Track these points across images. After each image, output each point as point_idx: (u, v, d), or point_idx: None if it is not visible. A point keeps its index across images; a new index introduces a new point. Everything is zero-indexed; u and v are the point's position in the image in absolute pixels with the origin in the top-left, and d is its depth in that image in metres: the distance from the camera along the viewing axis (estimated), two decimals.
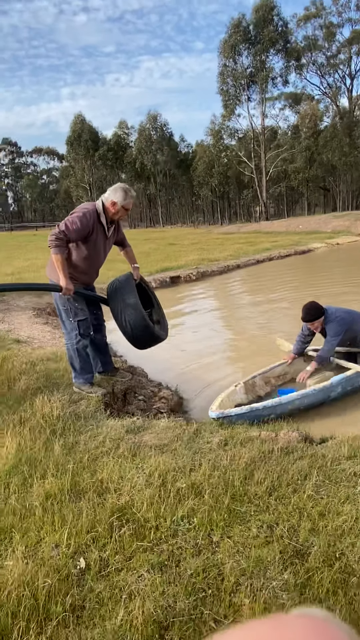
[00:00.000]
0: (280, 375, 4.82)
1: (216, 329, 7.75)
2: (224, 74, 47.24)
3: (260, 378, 4.61)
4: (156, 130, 63.05)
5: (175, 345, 6.62)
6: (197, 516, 2.24)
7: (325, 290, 10.11)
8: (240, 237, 28.39)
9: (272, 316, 8.04)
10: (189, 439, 3.14)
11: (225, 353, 6.30)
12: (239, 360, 5.98)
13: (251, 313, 8.75)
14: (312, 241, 23.04)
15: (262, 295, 10.46)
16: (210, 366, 5.68)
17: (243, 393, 4.32)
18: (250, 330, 7.25)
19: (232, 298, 10.83)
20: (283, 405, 3.88)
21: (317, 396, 4.10)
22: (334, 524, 2.14)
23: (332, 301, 6.92)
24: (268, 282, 12.51)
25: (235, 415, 3.69)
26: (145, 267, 13.75)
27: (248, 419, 3.73)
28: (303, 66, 50.59)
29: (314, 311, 4.52)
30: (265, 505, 2.33)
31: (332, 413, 4.16)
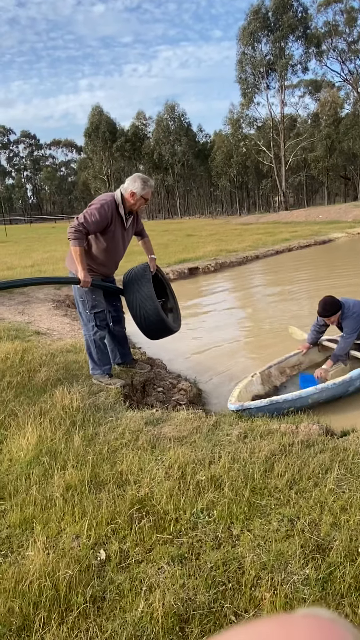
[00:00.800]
0: (295, 365, 4.80)
1: (234, 319, 7.71)
2: (242, 62, 46.71)
3: (276, 368, 4.59)
4: (174, 120, 62.75)
5: (193, 337, 6.60)
6: (217, 509, 2.23)
7: (345, 281, 9.96)
8: (259, 228, 28.14)
9: (289, 307, 7.96)
10: (208, 431, 3.12)
11: (242, 343, 6.26)
12: (256, 350, 5.94)
13: (269, 304, 8.67)
14: (332, 231, 22.72)
15: (281, 286, 10.35)
16: (228, 357, 5.65)
17: (260, 384, 4.30)
18: (268, 320, 7.19)
19: (251, 289, 10.75)
20: (303, 398, 3.85)
21: (336, 390, 4.05)
22: (356, 519, 2.11)
23: (351, 293, 6.81)
24: (287, 273, 12.38)
25: (255, 408, 3.66)
26: (163, 259, 13.74)
27: (267, 412, 3.70)
28: (323, 53, 49.73)
29: (330, 306, 4.44)
30: (286, 499, 2.31)
31: (353, 406, 4.10)
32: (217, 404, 4.39)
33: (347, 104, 53.89)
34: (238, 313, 8.32)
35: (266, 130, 51.17)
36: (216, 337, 6.53)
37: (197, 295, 10.12)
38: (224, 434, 3.08)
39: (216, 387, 4.76)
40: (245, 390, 4.05)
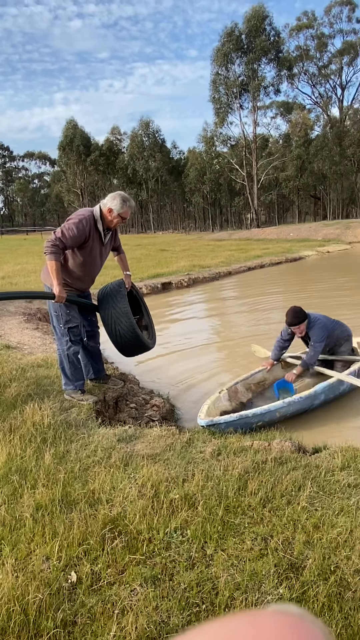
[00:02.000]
0: (260, 382, 4.88)
1: (206, 335, 7.74)
2: (216, 82, 47.61)
3: (242, 384, 4.66)
4: (148, 136, 63.31)
5: (167, 352, 6.59)
6: (191, 528, 2.22)
7: (316, 299, 10.15)
8: (231, 244, 28.48)
9: (260, 323, 8.05)
10: (181, 448, 3.11)
11: (214, 359, 6.28)
12: (227, 366, 5.98)
13: (240, 320, 8.75)
14: (303, 249, 23.18)
15: (252, 302, 10.47)
16: (201, 372, 5.66)
17: (227, 400, 4.36)
18: (239, 336, 7.25)
19: (223, 305, 10.83)
20: (272, 412, 3.92)
21: (303, 403, 4.15)
22: (329, 537, 2.13)
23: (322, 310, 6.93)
24: (258, 290, 12.54)
25: (224, 423, 3.69)
26: (136, 273, 13.74)
27: (237, 427, 3.74)
28: (295, 76, 51.27)
29: (298, 315, 4.61)
30: (259, 517, 2.31)
31: (323, 421, 4.15)
32: (190, 419, 4.38)
33: (317, 126, 55.54)
34: (210, 329, 8.36)
35: (239, 149, 52.13)
36: (189, 353, 6.53)
37: (170, 310, 10.13)
38: (197, 451, 3.07)
39: (189, 403, 4.75)
40: (213, 406, 4.09)
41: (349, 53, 51.41)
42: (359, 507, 2.35)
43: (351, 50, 51.01)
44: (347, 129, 51.71)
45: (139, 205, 69.91)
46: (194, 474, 2.69)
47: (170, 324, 8.68)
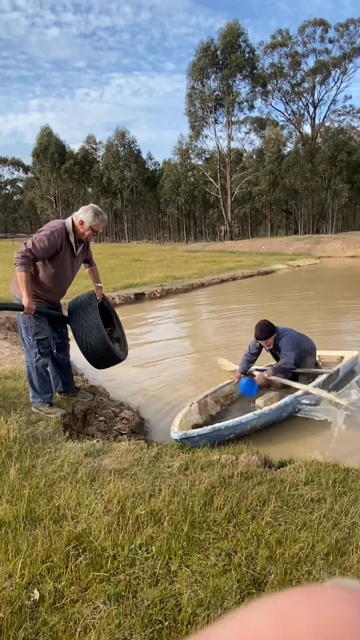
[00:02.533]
0: (228, 395, 4.98)
1: (177, 347, 7.77)
2: (192, 96, 48.22)
3: (211, 397, 4.73)
4: (124, 146, 63.51)
5: (138, 364, 6.59)
6: (156, 544, 2.22)
7: (286, 312, 10.33)
8: (205, 256, 28.70)
9: (231, 336, 8.13)
10: (149, 462, 3.11)
11: (185, 371, 6.31)
12: (197, 378, 6.03)
13: (211, 332, 8.83)
14: (274, 262, 23.54)
15: (224, 314, 10.57)
16: (171, 385, 5.68)
17: (197, 413, 4.42)
18: (209, 348, 7.30)
19: (195, 317, 10.90)
20: (243, 424, 3.99)
21: (272, 415, 4.25)
22: (291, 552, 2.17)
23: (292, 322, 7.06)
24: (230, 302, 12.67)
25: (197, 436, 3.73)
26: (109, 283, 13.71)
27: (210, 439, 3.78)
28: (268, 92, 52.44)
29: (267, 329, 4.78)
30: (224, 532, 2.33)
31: (290, 434, 4.22)
32: (159, 432, 4.39)
33: (289, 143, 56.86)
34: (182, 340, 8.40)
35: (213, 162, 52.81)
36: (161, 365, 6.55)
37: (143, 321, 10.14)
38: (165, 465, 3.08)
39: (159, 416, 4.76)
40: (185, 419, 4.13)
41: (321, 72, 52.91)
42: (320, 521, 2.40)
43: (323, 69, 52.53)
44: (319, 146, 53.06)
45: (113, 214, 69.87)
46: (160, 489, 2.69)
47: (142, 335, 8.68)
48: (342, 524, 2.39)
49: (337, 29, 51.30)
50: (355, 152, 51.34)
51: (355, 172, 51.28)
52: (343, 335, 8.24)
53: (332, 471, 2.98)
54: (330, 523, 2.38)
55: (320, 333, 7.88)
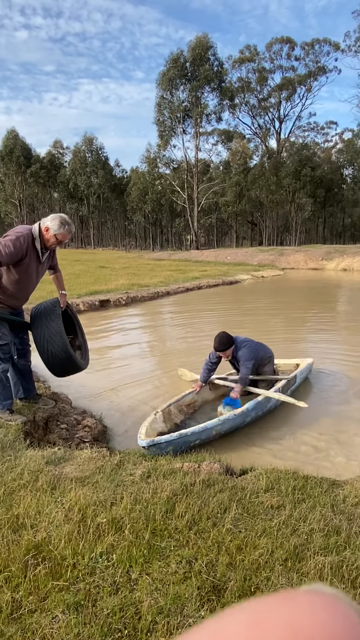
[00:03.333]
0: (191, 404, 5.06)
1: (142, 354, 7.76)
2: (161, 106, 48.62)
3: (175, 406, 4.79)
4: (91, 152, 63.26)
5: (101, 372, 6.54)
6: (117, 552, 2.21)
7: (249, 322, 10.48)
8: (170, 264, 28.83)
9: (196, 344, 8.19)
10: (111, 470, 3.10)
11: (148, 378, 6.31)
12: (160, 387, 6.05)
13: (176, 340, 8.86)
14: (239, 272, 23.86)
15: (189, 323, 10.64)
16: (135, 393, 5.67)
17: (162, 421, 4.46)
18: (174, 356, 7.33)
19: (160, 325, 10.92)
20: (208, 429, 4.07)
21: (235, 421, 4.37)
22: (251, 558, 2.20)
23: (254, 332, 7.18)
24: (195, 311, 12.76)
25: (165, 443, 3.77)
26: (74, 289, 13.58)
27: (176, 445, 3.84)
28: (236, 106, 53.41)
29: (226, 340, 4.92)
30: (185, 540, 2.34)
31: (252, 442, 4.28)
32: (122, 440, 4.37)
33: (255, 156, 57.99)
34: (146, 348, 8.39)
35: (181, 172, 53.26)
36: (125, 372, 6.52)
37: (107, 328, 10.08)
38: (127, 473, 3.07)
39: (122, 423, 4.73)
40: (150, 427, 4.16)
41: (287, 89, 54.35)
42: (280, 528, 2.44)
43: (289, 86, 53.97)
44: (284, 160, 54.31)
45: (79, 220, 69.31)
46: (122, 497, 2.69)
47: (107, 342, 8.63)
48: (300, 530, 2.44)
49: (303, 47, 52.89)
50: (319, 167, 52.88)
51: (318, 186, 52.74)
52: (301, 343, 8.43)
53: (291, 478, 3.04)
54: (289, 529, 2.43)
55: (280, 341, 8.04)
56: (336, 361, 7.09)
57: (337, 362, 7.06)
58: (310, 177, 50.45)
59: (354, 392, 5.65)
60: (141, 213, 61.84)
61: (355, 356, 7.45)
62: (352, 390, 5.74)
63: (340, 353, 7.65)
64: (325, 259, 30.87)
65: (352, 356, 7.44)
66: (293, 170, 50.42)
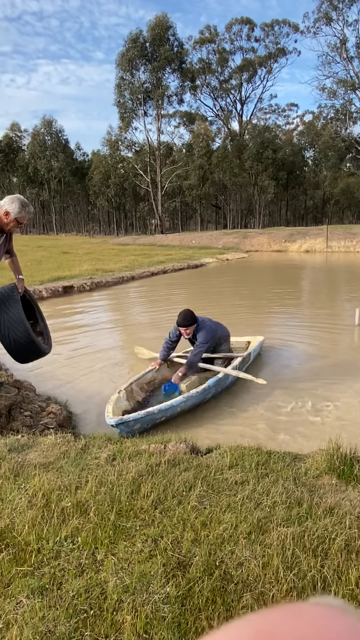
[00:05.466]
0: (151, 381, 5.16)
1: (106, 338, 7.71)
2: (121, 87, 47.68)
3: (136, 384, 4.88)
4: (51, 135, 61.62)
5: (65, 357, 6.46)
6: (82, 535, 2.21)
7: (213, 303, 10.54)
8: (135, 249, 28.61)
9: (160, 326, 8.18)
10: (76, 455, 3.08)
11: (113, 362, 6.28)
12: (124, 367, 6.05)
13: (140, 323, 8.83)
14: (204, 256, 23.91)
15: (154, 306, 10.62)
16: (99, 376, 5.65)
17: (125, 400, 4.54)
18: (137, 339, 7.31)
19: (124, 309, 10.85)
20: (174, 407, 4.21)
21: (198, 397, 4.51)
22: (215, 533, 2.23)
23: (219, 313, 7.23)
24: (161, 294, 12.75)
25: (132, 420, 3.85)
26: (36, 276, 13.32)
27: (144, 423, 3.96)
28: (197, 87, 52.88)
29: (190, 317, 5.02)
30: (151, 519, 2.35)
31: (218, 420, 4.33)
32: (88, 425, 4.35)
33: (218, 138, 57.80)
34: (110, 332, 8.33)
35: (144, 154, 52.63)
36: (89, 356, 6.46)
37: (71, 314, 9.95)
38: (92, 457, 3.06)
39: (87, 408, 4.71)
40: (115, 406, 4.22)
41: (247, 70, 54.19)
42: (244, 503, 2.49)
43: (250, 67, 53.83)
44: (246, 142, 54.38)
45: (40, 205, 67.76)
46: (87, 481, 2.67)
47: (70, 328, 8.52)
48: (263, 503, 2.49)
49: (263, 28, 52.72)
50: (281, 150, 53.15)
51: (280, 169, 53.10)
52: (261, 322, 8.55)
53: (255, 454, 3.09)
54: (253, 503, 2.48)
55: (241, 321, 8.13)
56: (291, 338, 7.28)
57: (292, 338, 7.25)
58: (272, 159, 50.76)
59: (307, 368, 5.82)
60: (104, 197, 60.91)
61: (309, 333, 7.64)
62: (305, 366, 5.91)
63: (297, 330, 7.82)
64: (288, 241, 31.29)
65: (307, 333, 7.62)
66: (255, 153, 50.58)
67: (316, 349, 6.76)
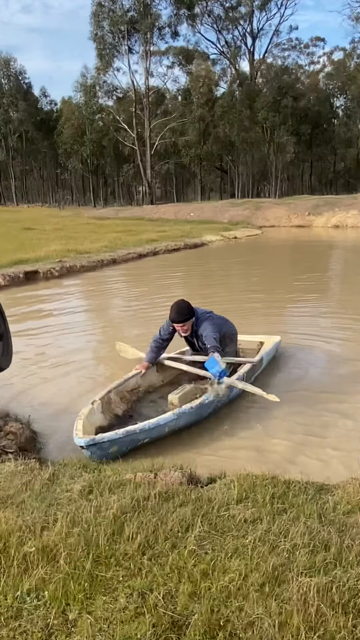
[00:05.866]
0: (134, 389, 5.14)
1: (80, 340, 7.71)
2: (98, 15, 47.45)
3: (115, 393, 4.85)
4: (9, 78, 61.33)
5: (28, 363, 6.46)
6: (49, 588, 2.21)
7: (220, 297, 10.55)
8: (118, 224, 28.59)
9: (149, 325, 8.17)
10: (42, 487, 3.09)
11: (88, 370, 6.30)
12: (102, 373, 6.11)
13: (123, 321, 8.85)
14: (205, 233, 23.92)
15: (140, 299, 10.62)
16: (71, 384, 5.67)
17: (100, 412, 4.52)
18: (116, 337, 7.31)
19: (103, 302, 10.86)
20: (161, 426, 4.16)
21: (193, 414, 4.45)
22: (219, 585, 2.24)
23: (223, 307, 7.24)
24: (150, 283, 12.75)
25: (108, 442, 3.83)
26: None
27: (122, 445, 3.93)
28: (196, 17, 52.52)
29: (186, 310, 4.90)
30: (137, 568, 2.37)
31: (220, 442, 4.35)
32: (56, 448, 4.36)
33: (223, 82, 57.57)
34: (85, 332, 8.33)
35: (128, 103, 52.49)
36: (58, 363, 6.47)
37: (34, 307, 9.94)
38: (62, 489, 3.07)
39: (56, 427, 4.72)
40: (87, 421, 4.21)
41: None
42: (255, 546, 2.50)
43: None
44: (259, 88, 54.25)
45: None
46: (56, 520, 2.68)
47: (35, 325, 8.52)
48: (280, 547, 2.50)
49: None
50: (303, 97, 53.06)
51: (302, 121, 53.05)
52: (277, 318, 8.59)
53: (270, 485, 3.11)
54: (267, 547, 2.49)
55: (251, 316, 8.15)
56: (315, 337, 7.39)
57: (316, 338, 7.35)
58: (292, 109, 50.71)
59: (334, 375, 5.86)
60: (77, 158, 60.73)
61: (338, 331, 7.69)
62: (332, 372, 5.96)
63: (322, 328, 7.95)
64: (313, 214, 31.37)
65: (335, 331, 7.68)
66: (271, 101, 50.50)
67: (346, 351, 6.79)
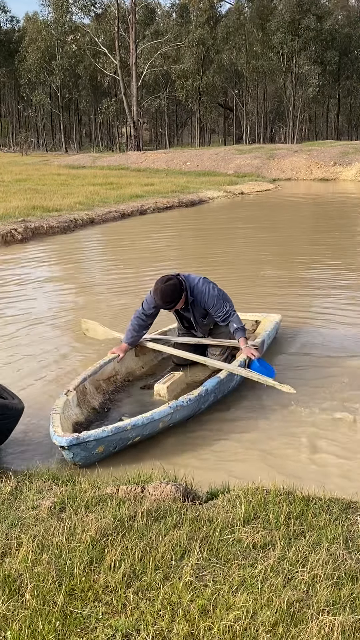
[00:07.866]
0: (111, 377, 5.23)
1: (45, 320, 7.68)
2: None
3: (90, 382, 4.91)
4: None
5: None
6: (12, 628, 2.23)
7: (219, 264, 10.52)
8: (96, 175, 28.40)
9: (128, 303, 8.15)
10: (2, 503, 3.10)
11: (58, 345, 6.34)
12: (76, 356, 6.20)
13: (98, 298, 8.81)
14: (205, 187, 23.80)
15: (122, 269, 10.57)
16: (36, 380, 5.65)
17: (76, 405, 4.59)
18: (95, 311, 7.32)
19: (76, 272, 10.82)
20: (155, 422, 4.23)
21: (190, 408, 4.53)
22: (222, 624, 2.26)
23: (223, 278, 7.21)
24: (135, 249, 12.69)
25: (94, 440, 3.86)
26: None
27: (110, 445, 4.00)
28: None
29: (173, 293, 4.89)
30: (121, 603, 2.38)
31: (223, 447, 4.36)
32: (19, 455, 4.36)
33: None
34: (51, 311, 8.31)
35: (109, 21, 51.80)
36: (19, 350, 6.46)
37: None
38: (27, 506, 3.08)
39: (18, 429, 4.72)
40: (64, 416, 4.25)
41: None
42: (266, 577, 2.52)
43: None
44: (274, 4, 53.58)
45: None
46: (20, 544, 2.70)
47: None
48: (297, 578, 2.52)
49: None
50: (329, 16, 52.47)
51: (328, 47, 52.44)
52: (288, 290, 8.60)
53: (284, 502, 3.12)
54: (281, 578, 2.51)
55: (258, 291, 8.15)
56: (332, 317, 7.51)
57: (332, 318, 7.48)
58: (315, 31, 50.12)
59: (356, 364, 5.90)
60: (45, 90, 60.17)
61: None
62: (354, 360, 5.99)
63: (342, 306, 8.05)
64: (340, 163, 31.23)
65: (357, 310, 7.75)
66: (289, 21, 49.91)
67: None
